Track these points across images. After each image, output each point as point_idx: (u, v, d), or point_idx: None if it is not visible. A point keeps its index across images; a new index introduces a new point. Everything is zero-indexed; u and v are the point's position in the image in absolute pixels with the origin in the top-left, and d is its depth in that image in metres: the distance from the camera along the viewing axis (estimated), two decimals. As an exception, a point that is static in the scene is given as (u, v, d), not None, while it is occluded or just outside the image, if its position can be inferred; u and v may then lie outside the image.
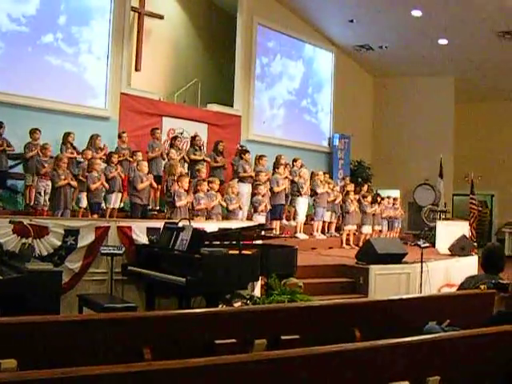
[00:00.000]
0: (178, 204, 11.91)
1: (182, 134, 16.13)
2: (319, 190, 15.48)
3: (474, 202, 16.83)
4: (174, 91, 17.79)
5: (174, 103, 17.27)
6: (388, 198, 18.09)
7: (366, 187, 17.85)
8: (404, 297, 6.09)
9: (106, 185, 12.55)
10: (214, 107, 17.58)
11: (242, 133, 18.16)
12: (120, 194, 13.11)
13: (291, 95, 20.31)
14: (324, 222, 15.98)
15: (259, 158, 15.32)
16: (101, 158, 13.19)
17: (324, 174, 16.47)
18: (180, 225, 8.54)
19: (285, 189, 15.03)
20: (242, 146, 16.17)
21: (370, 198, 16.66)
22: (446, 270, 12.71)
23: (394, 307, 5.35)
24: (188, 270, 7.55)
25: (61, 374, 2.78)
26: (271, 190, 14.52)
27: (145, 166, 12.93)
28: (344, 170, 21.04)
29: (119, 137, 14.25)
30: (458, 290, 6.27)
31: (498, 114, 23.15)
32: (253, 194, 14.25)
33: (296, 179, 15.49)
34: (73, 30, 14.95)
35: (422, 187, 21.61)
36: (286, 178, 15.32)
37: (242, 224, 9.91)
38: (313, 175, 15.90)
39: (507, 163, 22.88)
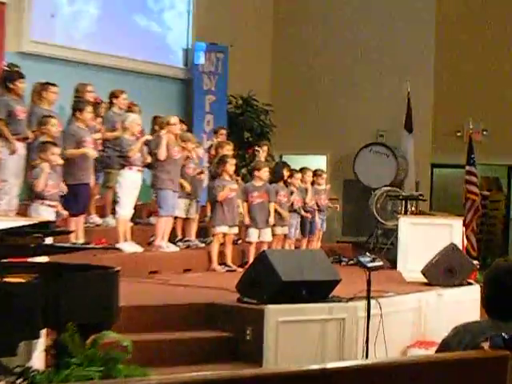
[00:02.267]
0: None
1: None
2: (161, 156, 15.01)
3: (473, 180, 16.14)
4: None
5: None
6: (303, 171, 17.68)
7: (265, 148, 18.14)
8: (332, 366, 5.26)
9: None
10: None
11: (7, 37, 17.46)
12: None
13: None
14: (176, 218, 15.85)
15: (42, 88, 14.69)
16: None
17: (181, 122, 16.45)
18: None
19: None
20: (10, 66, 15.60)
21: (266, 174, 16.36)
22: (416, 314, 13.02)
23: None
24: None
25: None
26: (66, 154, 14.08)
27: None
28: (216, 114, 20.99)
29: None
30: (438, 351, 6.10)
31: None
32: (31, 164, 13.84)
33: (118, 133, 15.20)
34: None
35: (370, 151, 21.40)
36: (99, 131, 15.34)
37: (6, 223, 9.47)
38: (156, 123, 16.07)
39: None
